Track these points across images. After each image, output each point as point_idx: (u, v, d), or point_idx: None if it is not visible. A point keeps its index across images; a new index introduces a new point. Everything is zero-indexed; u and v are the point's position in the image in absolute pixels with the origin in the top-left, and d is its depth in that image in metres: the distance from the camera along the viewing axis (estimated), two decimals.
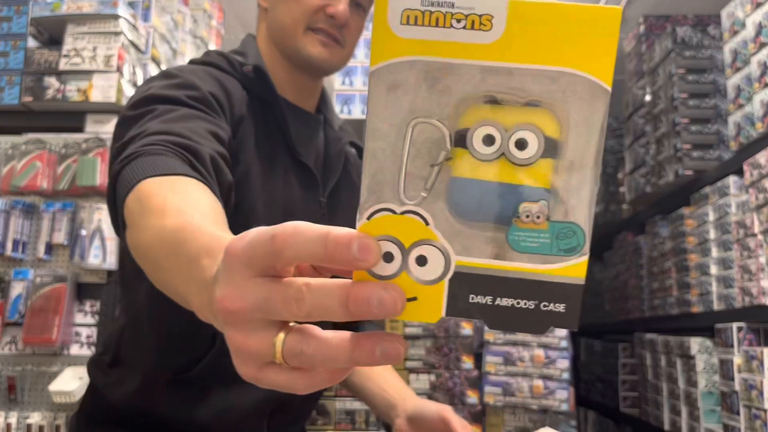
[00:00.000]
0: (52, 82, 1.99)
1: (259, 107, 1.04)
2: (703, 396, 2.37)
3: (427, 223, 0.36)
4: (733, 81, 2.22)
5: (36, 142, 1.95)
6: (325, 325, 0.37)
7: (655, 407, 2.85)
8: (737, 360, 2.06)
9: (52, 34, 2.15)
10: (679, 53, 2.58)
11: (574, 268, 0.36)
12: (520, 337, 2.08)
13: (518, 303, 0.36)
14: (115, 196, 0.72)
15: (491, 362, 2.07)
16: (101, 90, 1.97)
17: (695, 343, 2.43)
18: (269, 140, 1.03)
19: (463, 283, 0.36)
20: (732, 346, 2.10)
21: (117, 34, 2.01)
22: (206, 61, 1.04)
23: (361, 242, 0.34)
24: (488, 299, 0.36)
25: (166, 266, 0.55)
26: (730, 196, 2.23)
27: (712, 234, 2.38)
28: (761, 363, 1.89)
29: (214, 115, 0.90)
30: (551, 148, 0.35)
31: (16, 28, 2.06)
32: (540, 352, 2.06)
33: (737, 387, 2.03)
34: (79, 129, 2.02)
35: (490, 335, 2.09)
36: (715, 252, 2.36)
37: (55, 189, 1.93)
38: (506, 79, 0.35)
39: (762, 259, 1.97)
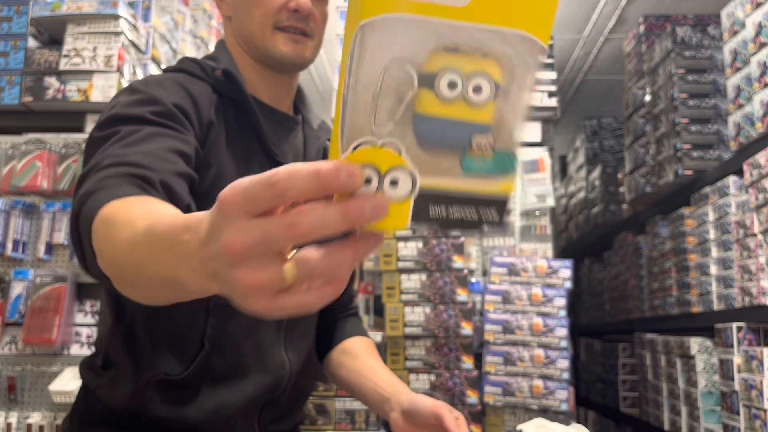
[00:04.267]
0: (52, 82, 1.99)
1: (232, 110, 1.05)
2: (703, 396, 2.37)
3: (400, 153, 0.44)
4: (733, 81, 2.22)
5: (36, 142, 1.95)
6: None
7: (655, 407, 2.85)
8: (737, 360, 2.06)
9: (52, 34, 2.15)
10: (679, 53, 2.58)
11: (506, 186, 0.46)
12: (520, 337, 2.08)
13: (465, 213, 0.46)
14: (79, 234, 0.73)
15: (491, 362, 2.07)
16: (101, 90, 1.97)
17: (695, 343, 2.43)
18: (243, 140, 1.05)
19: (425, 200, 0.45)
20: (732, 346, 2.10)
21: (117, 34, 2.01)
22: (178, 68, 1.06)
23: (347, 169, 0.41)
24: (443, 211, 0.45)
25: (147, 263, 0.56)
26: (730, 196, 2.23)
27: (712, 234, 2.38)
28: (761, 363, 1.89)
29: (179, 129, 0.92)
30: (497, 92, 0.44)
31: (16, 28, 2.06)
32: (540, 352, 2.05)
33: (737, 387, 2.03)
34: (79, 129, 2.02)
35: (490, 335, 2.09)
36: (715, 252, 2.36)
37: (55, 189, 1.93)
38: (470, 35, 0.43)
39: (762, 259, 1.97)
